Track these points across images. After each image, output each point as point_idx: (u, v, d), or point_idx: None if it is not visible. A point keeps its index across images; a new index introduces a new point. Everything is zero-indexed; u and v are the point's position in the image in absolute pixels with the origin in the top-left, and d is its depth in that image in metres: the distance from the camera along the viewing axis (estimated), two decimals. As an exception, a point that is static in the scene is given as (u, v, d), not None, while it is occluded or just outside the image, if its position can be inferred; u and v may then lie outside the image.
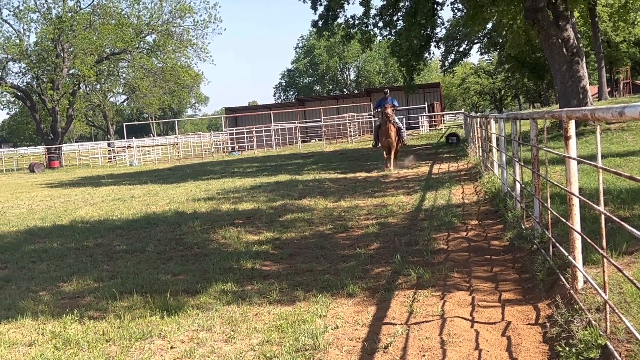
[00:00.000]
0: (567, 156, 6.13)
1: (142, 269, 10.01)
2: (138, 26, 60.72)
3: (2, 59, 59.13)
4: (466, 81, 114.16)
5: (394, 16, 37.89)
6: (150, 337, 6.72)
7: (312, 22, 38.21)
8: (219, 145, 64.20)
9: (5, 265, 11.15)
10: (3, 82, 57.95)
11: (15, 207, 21.95)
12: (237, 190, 21.00)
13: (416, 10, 34.73)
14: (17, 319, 7.62)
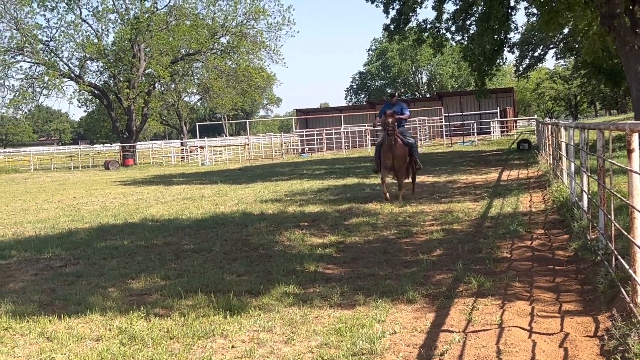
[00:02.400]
0: (630, 169, 6.09)
1: (208, 268, 10.22)
2: (213, 27, 61.53)
3: (81, 58, 60.64)
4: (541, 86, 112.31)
5: (466, 21, 37.71)
6: (213, 336, 6.89)
7: (384, 25, 38.32)
8: (289, 146, 64.63)
9: (77, 261, 11.51)
10: (81, 81, 59.40)
11: (89, 203, 22.56)
12: (305, 193, 21.17)
13: (489, 14, 34.44)
14: (86, 314, 7.89)
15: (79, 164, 60.62)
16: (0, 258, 12.17)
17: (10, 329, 7.46)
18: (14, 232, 15.70)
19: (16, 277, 10.57)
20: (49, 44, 59.40)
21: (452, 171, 26.57)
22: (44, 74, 58.03)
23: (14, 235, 15.17)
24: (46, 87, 58.49)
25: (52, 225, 16.64)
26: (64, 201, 24.05)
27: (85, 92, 62.29)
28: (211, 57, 60.90)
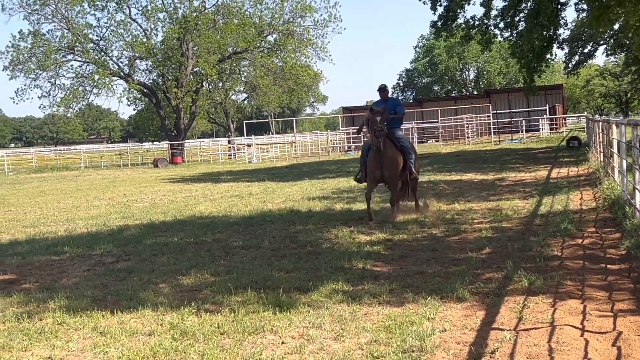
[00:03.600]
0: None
1: (257, 265, 10.29)
2: (260, 26, 61.78)
3: (130, 57, 61.36)
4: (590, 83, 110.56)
5: (515, 17, 37.29)
6: (263, 332, 6.94)
7: (431, 22, 38.10)
8: (336, 144, 64.65)
9: (129, 257, 11.67)
10: (131, 80, 60.13)
11: (139, 200, 22.84)
12: (352, 190, 21.15)
13: (538, 11, 34.02)
14: (138, 309, 8.00)
15: (129, 161, 61.37)
16: (54, 254, 12.40)
17: (65, 323, 7.60)
18: (66, 229, 15.97)
19: (69, 272, 10.75)
20: (99, 43, 60.27)
21: (500, 169, 26.35)
22: (94, 72, 58.86)
23: (66, 232, 15.43)
24: (96, 85, 59.34)
25: (103, 222, 16.90)
26: (115, 198, 24.38)
27: (134, 90, 63.03)
28: (258, 56, 61.14)
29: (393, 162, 14.27)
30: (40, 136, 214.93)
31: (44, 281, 10.15)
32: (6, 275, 10.77)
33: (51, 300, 8.62)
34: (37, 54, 58.22)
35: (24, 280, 10.36)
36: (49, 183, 38.30)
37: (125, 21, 59.95)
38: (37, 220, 18.48)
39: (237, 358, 6.27)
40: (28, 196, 28.17)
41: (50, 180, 41.12)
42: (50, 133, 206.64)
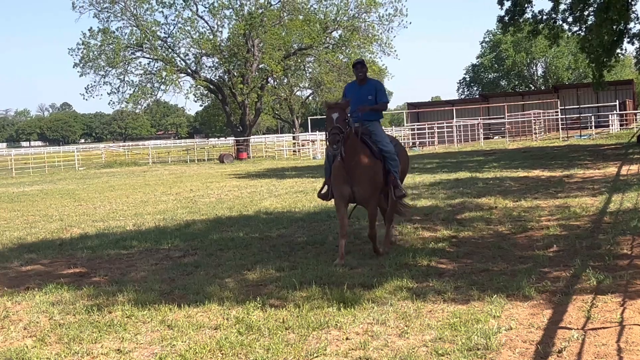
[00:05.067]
0: None
1: (321, 261, 10.34)
2: (325, 22, 61.81)
3: (197, 54, 61.98)
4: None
5: (584, 11, 36.58)
6: (327, 327, 6.98)
7: (498, 17, 37.67)
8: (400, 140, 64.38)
9: (195, 252, 11.84)
10: (197, 76, 60.80)
11: (205, 196, 23.12)
12: (416, 187, 21.05)
13: (608, 5, 33.28)
14: (205, 303, 8.11)
15: (195, 157, 62.11)
16: (122, 248, 12.64)
17: (133, 316, 7.75)
18: (135, 223, 16.25)
19: (137, 266, 10.96)
20: (166, 40, 61.02)
21: (568, 165, 25.90)
22: (162, 69, 59.64)
23: (135, 227, 15.71)
24: (164, 82, 60.09)
25: (171, 216, 17.15)
26: (181, 193, 24.73)
27: (201, 87, 63.72)
28: (323, 52, 61.17)
29: (367, 175, 10.27)
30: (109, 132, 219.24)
31: (113, 275, 10.37)
32: (77, 269, 11.03)
33: (120, 294, 8.80)
34: (106, 51, 59.24)
35: (93, 273, 10.60)
36: (118, 178, 39.02)
37: (192, 18, 60.58)
38: (106, 214, 18.87)
39: (301, 353, 6.31)
40: (97, 191, 28.76)
41: (119, 176, 41.89)
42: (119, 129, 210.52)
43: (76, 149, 69.66)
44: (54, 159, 64.98)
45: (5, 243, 14.24)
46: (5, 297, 9.20)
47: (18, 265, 11.63)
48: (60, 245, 13.46)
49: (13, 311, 8.45)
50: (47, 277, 10.48)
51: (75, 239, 14.28)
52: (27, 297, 9.09)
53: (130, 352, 6.67)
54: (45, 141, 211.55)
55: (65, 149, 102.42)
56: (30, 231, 15.98)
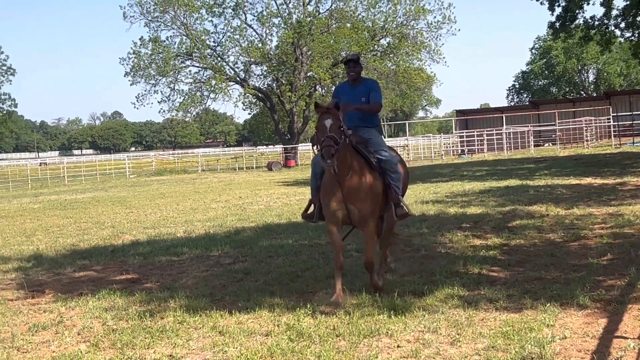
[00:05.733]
0: None
1: (371, 268, 10.28)
2: (373, 29, 61.81)
3: (246, 62, 62.45)
4: None
5: (637, 16, 36.01)
6: (378, 335, 6.95)
7: (549, 23, 37.31)
8: (449, 147, 64.02)
9: (245, 259, 11.90)
10: (246, 84, 61.21)
11: (254, 203, 23.23)
12: (466, 194, 20.90)
13: (662, 9, 32.77)
14: (255, 310, 8.14)
15: (244, 165, 62.49)
16: (173, 255, 12.76)
17: (185, 322, 7.81)
18: (185, 230, 16.40)
19: (188, 273, 11.05)
20: (216, 48, 61.56)
21: (621, 173, 25.45)
22: (211, 78, 60.18)
23: (185, 233, 15.85)
24: (213, 90, 60.62)
25: (220, 223, 17.26)
26: (231, 201, 24.88)
27: (249, 95, 64.10)
28: (371, 59, 61.15)
29: (365, 191, 8.67)
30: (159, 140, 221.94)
31: (165, 281, 10.47)
32: (129, 275, 11.16)
33: (172, 300, 8.88)
34: (156, 60, 59.99)
35: (145, 279, 10.71)
36: (168, 185, 39.43)
37: (241, 27, 61.06)
38: (157, 221, 19.07)
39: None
40: (148, 198, 29.09)
41: (169, 183, 42.32)
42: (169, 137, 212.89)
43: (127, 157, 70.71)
44: (105, 167, 65.98)
45: (59, 249, 14.47)
46: (59, 302, 9.35)
47: (71, 271, 11.82)
48: (112, 252, 13.65)
49: (67, 316, 8.57)
50: (99, 283, 10.63)
51: (126, 245, 14.45)
52: (81, 302, 9.22)
53: (183, 358, 6.73)
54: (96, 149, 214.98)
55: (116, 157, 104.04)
56: (83, 238, 16.23)
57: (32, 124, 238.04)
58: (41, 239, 16.72)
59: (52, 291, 10.25)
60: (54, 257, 13.44)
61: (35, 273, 11.89)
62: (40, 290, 10.35)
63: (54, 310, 8.91)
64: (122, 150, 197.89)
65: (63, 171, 56.01)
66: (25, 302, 9.59)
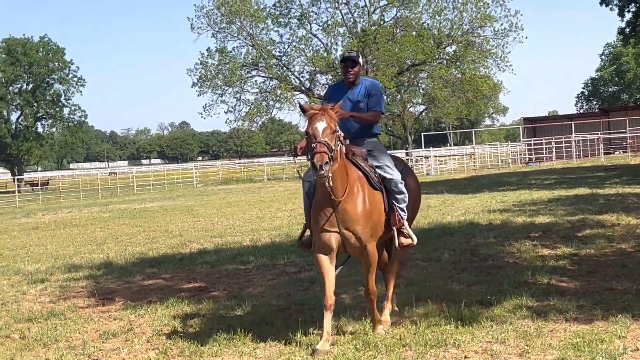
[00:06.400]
0: None
1: (437, 277, 10.23)
2: (438, 37, 61.53)
3: (311, 72, 62.77)
4: None
5: None
6: (445, 345, 6.90)
7: (619, 29, 36.69)
8: (516, 156, 63.25)
9: (311, 268, 11.91)
10: (311, 94, 61.47)
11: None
12: (534, 203, 20.59)
13: None
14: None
15: (308, 173, 62.59)
16: (240, 263, 12.88)
17: (252, 331, 7.86)
18: (251, 239, 16.52)
19: (255, 281, 11.13)
20: (281, 58, 62.04)
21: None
22: (277, 87, 60.65)
23: (251, 242, 15.97)
24: (278, 100, 61.09)
25: (286, 232, 17.33)
26: (296, 210, 24.96)
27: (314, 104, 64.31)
28: (437, 67, 60.88)
29: (362, 215, 7.32)
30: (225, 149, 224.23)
31: (232, 289, 10.57)
32: (196, 283, 11.30)
33: (238, 308, 8.96)
34: (223, 70, 60.70)
35: (212, 288, 10.83)
36: (234, 195, 39.79)
37: (307, 37, 61.45)
38: (223, 230, 19.26)
39: (419, 371, 6.26)
40: (215, 207, 29.41)
41: (235, 192, 42.71)
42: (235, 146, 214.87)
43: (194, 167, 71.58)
44: (173, 176, 67.04)
45: (129, 258, 14.74)
46: (129, 310, 9.52)
47: (141, 279, 12.02)
48: (180, 260, 13.84)
49: (137, 324, 8.72)
50: (168, 291, 10.78)
51: (194, 254, 14.63)
52: (150, 310, 9.37)
53: (249, 366, 6.78)
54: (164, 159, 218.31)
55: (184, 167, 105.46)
56: (151, 246, 16.50)
57: (102, 134, 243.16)
58: (111, 247, 17.06)
59: (122, 299, 10.44)
60: (123, 266, 13.70)
61: (106, 281, 12.14)
62: (110, 298, 10.56)
63: (124, 318, 9.08)
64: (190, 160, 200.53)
65: (132, 180, 57.07)
66: (96, 310, 9.80)
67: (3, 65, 78.84)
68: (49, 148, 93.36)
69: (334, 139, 6.97)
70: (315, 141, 6.86)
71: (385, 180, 7.70)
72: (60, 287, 11.80)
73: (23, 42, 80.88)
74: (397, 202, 7.72)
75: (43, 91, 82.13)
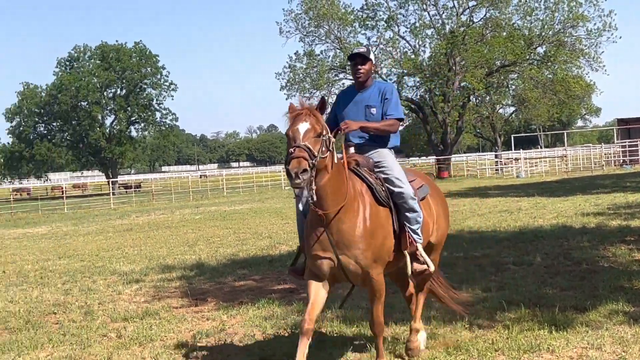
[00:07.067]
0: None
1: (529, 282, 10.07)
2: (529, 37, 60.46)
3: (399, 74, 62.55)
4: None
5: None
6: (539, 351, 6.79)
7: None
8: (610, 158, 61.64)
9: (400, 270, 11.87)
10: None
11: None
12: (629, 206, 20.05)
13: None
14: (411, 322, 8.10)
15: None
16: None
17: (342, 333, 7.89)
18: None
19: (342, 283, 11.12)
20: (368, 61, 62.02)
21: None
22: (364, 90, 60.62)
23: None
24: (365, 103, 61.05)
25: (374, 235, 17.28)
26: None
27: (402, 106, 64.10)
28: (527, 68, 59.86)
29: (363, 236, 6.14)
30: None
31: (321, 291, 10.60)
32: (286, 285, 11.41)
33: (328, 310, 8.99)
34: (311, 73, 61.12)
35: (302, 289, 10.86)
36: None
37: (394, 39, 61.34)
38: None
39: (512, 375, 6.18)
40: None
41: (323, 195, 42.78)
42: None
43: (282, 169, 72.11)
44: (262, 179, 67.74)
45: (220, 259, 14.98)
46: (221, 310, 9.68)
47: (232, 281, 12.20)
48: (270, 262, 13.99)
49: (229, 324, 8.86)
50: (258, 292, 10.92)
51: (283, 255, 14.77)
52: (241, 311, 9.52)
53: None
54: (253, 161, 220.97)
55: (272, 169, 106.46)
56: (242, 248, 16.72)
57: (193, 137, 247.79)
58: (203, 248, 17.36)
59: (214, 299, 10.62)
60: (215, 267, 13.93)
61: (198, 282, 12.37)
62: (202, 299, 10.75)
63: (216, 318, 9.24)
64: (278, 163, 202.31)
65: (222, 183, 57.99)
66: (189, 310, 10.00)
67: (97, 70, 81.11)
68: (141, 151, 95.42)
69: (319, 143, 5.82)
70: (293, 145, 5.81)
71: (393, 194, 6.51)
72: (155, 288, 12.09)
73: (117, 48, 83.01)
74: (409, 221, 6.51)
75: (136, 96, 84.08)
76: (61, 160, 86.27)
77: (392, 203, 6.46)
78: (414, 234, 6.52)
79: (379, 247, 6.20)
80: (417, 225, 6.52)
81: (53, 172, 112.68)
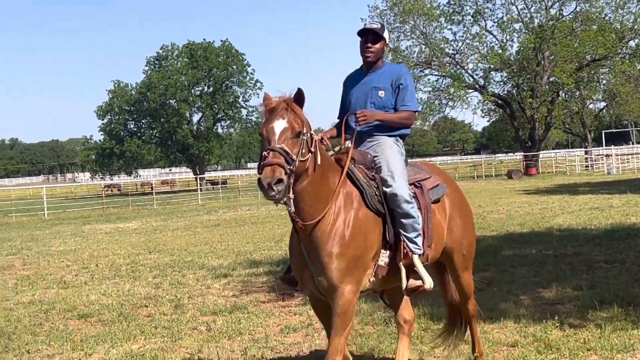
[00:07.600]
0: None
1: (622, 280, 9.85)
2: (621, 31, 58.84)
3: (485, 69, 61.71)
4: None
5: None
6: (633, 351, 6.64)
7: None
8: None
9: (487, 268, 11.74)
10: (485, 91, 60.47)
11: (494, 212, 22.89)
12: None
13: None
14: (500, 320, 8.04)
15: (482, 173, 61.72)
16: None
17: (429, 329, 7.85)
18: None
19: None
20: (454, 56, 61.40)
21: None
22: (450, 86, 60.05)
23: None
24: (451, 98, 60.42)
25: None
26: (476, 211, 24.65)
27: (488, 102, 63.24)
28: (619, 62, 58.25)
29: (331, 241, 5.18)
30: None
31: (407, 287, 10.56)
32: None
33: (415, 307, 8.94)
34: (396, 70, 60.83)
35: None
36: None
37: (481, 33, 60.50)
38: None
39: (607, 375, 6.06)
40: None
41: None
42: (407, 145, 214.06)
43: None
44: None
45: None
46: (308, 305, 9.69)
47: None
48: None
49: (316, 319, 8.81)
50: (345, 287, 10.92)
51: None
52: (328, 306, 9.54)
53: (427, 364, 6.78)
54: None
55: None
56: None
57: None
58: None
59: (301, 295, 10.68)
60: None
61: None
62: (289, 294, 10.82)
63: (303, 313, 9.30)
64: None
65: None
66: (277, 305, 10.10)
67: (185, 69, 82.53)
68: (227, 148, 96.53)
69: (298, 145, 4.89)
70: (267, 148, 4.82)
71: (386, 196, 5.53)
72: (242, 282, 12.24)
73: (204, 47, 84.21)
74: (404, 229, 5.50)
75: (222, 93, 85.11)
76: (150, 156, 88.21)
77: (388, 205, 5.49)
78: (411, 243, 5.49)
79: (356, 257, 5.20)
80: (414, 233, 5.50)
81: (142, 169, 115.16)
